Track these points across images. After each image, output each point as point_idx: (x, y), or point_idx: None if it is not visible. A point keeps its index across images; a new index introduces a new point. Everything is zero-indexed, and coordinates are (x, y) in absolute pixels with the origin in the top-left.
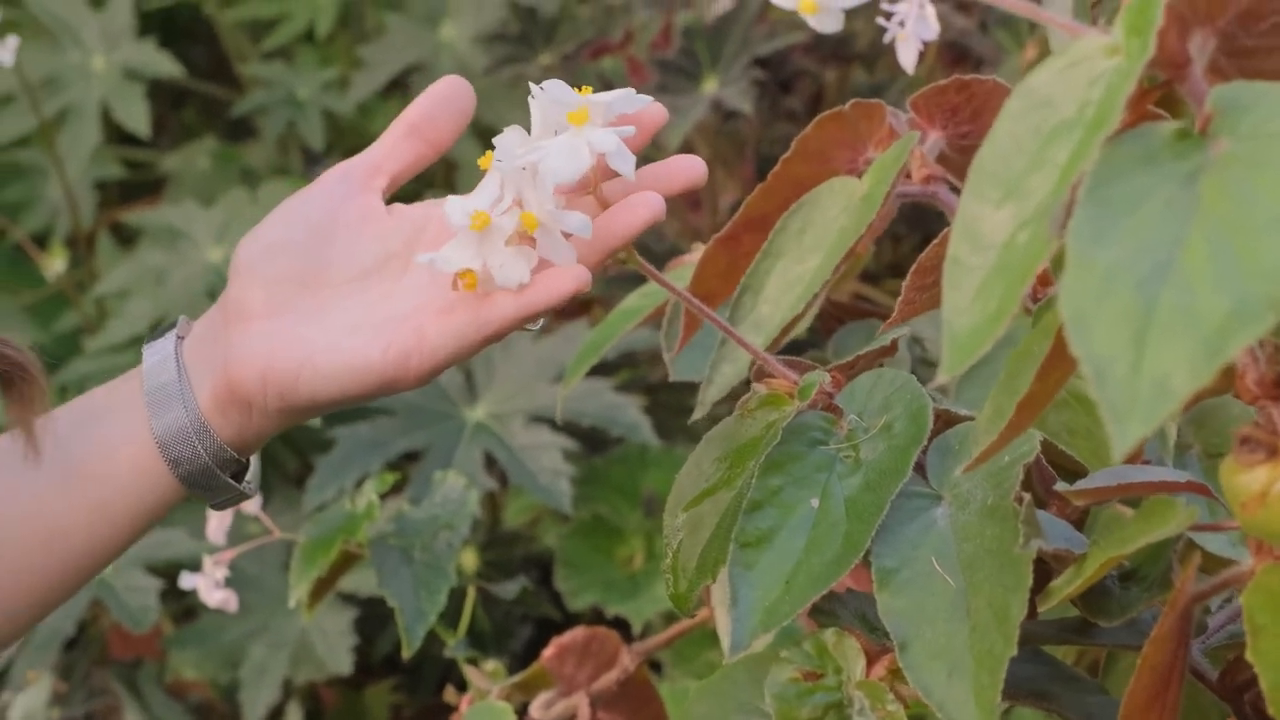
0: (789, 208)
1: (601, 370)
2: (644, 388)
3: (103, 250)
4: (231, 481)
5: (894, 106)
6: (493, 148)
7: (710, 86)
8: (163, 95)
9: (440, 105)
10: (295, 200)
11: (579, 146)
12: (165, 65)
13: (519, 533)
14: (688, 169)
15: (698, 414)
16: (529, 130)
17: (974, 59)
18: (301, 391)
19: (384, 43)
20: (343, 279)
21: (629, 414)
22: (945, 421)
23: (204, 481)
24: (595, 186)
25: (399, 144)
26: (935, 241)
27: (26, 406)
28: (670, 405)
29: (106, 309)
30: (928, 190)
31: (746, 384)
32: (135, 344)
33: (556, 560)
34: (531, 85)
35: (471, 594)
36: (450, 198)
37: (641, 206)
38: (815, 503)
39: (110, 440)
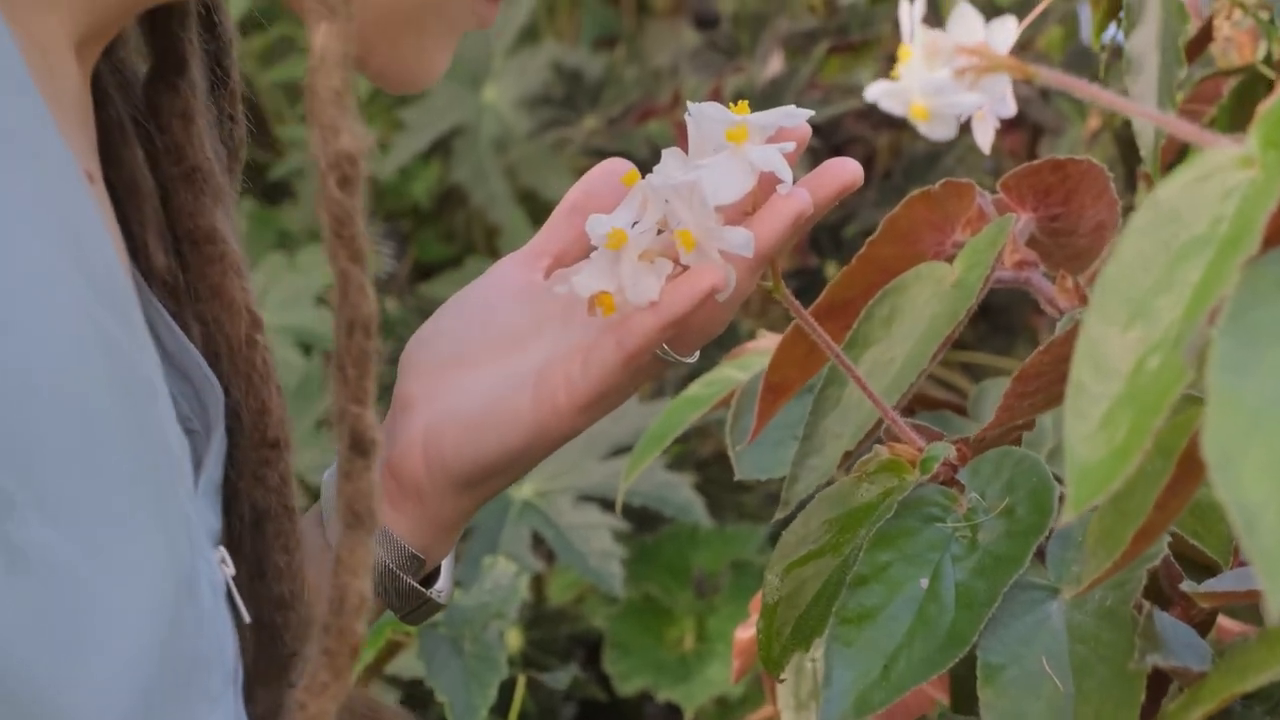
0: (874, 293)
1: None
2: (695, 463)
3: None
4: (418, 586)
5: (949, 174)
6: (546, 211)
7: None
8: None
9: (600, 183)
10: (456, 296)
11: (741, 165)
12: None
13: (565, 611)
14: (842, 172)
15: (781, 514)
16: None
17: (1033, 125)
18: (464, 456)
19: (425, 105)
20: (501, 351)
21: (681, 494)
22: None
23: (389, 586)
24: (753, 207)
25: (560, 224)
26: (1040, 349)
27: None
28: (722, 481)
29: None
30: (1020, 276)
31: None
32: None
33: (606, 642)
34: (689, 105)
35: (521, 683)
36: (593, 215)
37: (786, 203)
38: (924, 583)
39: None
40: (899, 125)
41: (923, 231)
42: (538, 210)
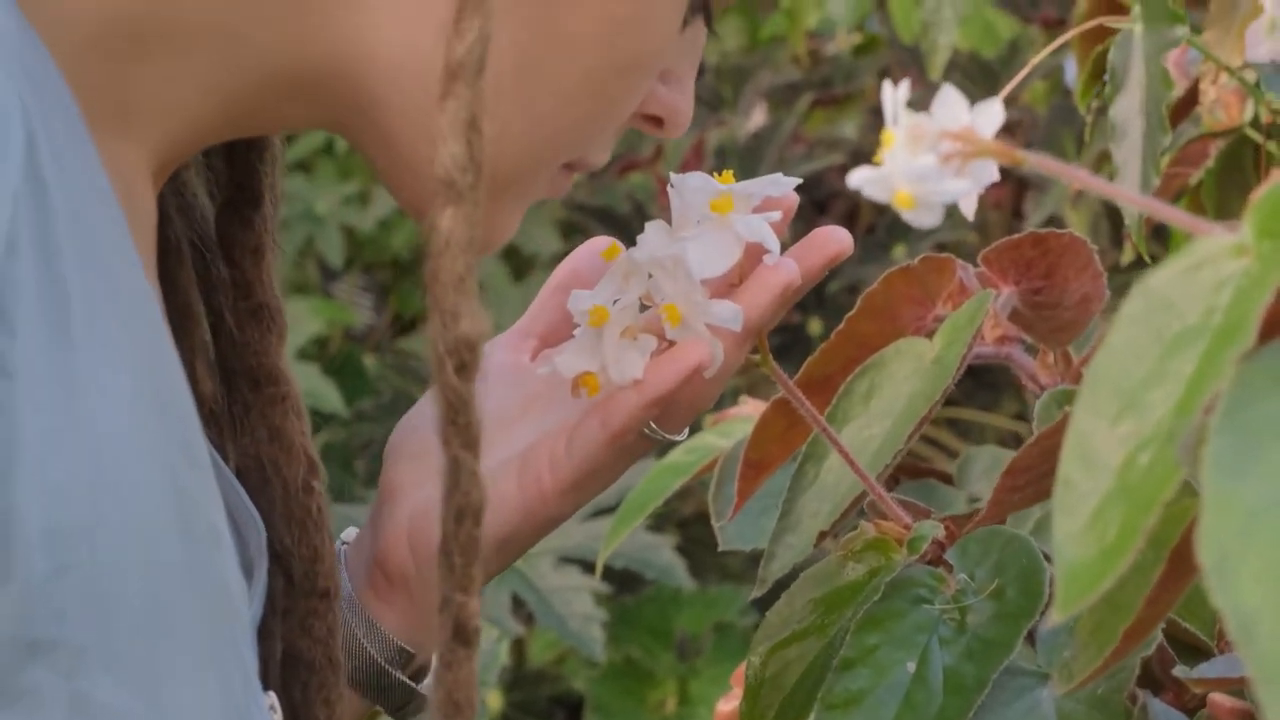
0: (853, 369)
1: None
2: (677, 522)
3: None
4: (408, 681)
5: (937, 229)
6: (529, 266)
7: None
8: None
9: (586, 262)
10: None
11: (728, 236)
12: None
13: (545, 672)
14: (831, 241)
15: (757, 592)
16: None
17: (1018, 179)
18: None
19: None
20: (486, 435)
21: (663, 556)
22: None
23: (376, 682)
24: (740, 277)
25: (546, 304)
26: (1030, 442)
27: None
28: (704, 541)
29: None
30: (1001, 351)
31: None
32: None
33: (587, 705)
34: (672, 175)
35: None
36: (574, 291)
37: (774, 274)
38: (911, 667)
39: None
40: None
41: (902, 307)
42: (519, 265)
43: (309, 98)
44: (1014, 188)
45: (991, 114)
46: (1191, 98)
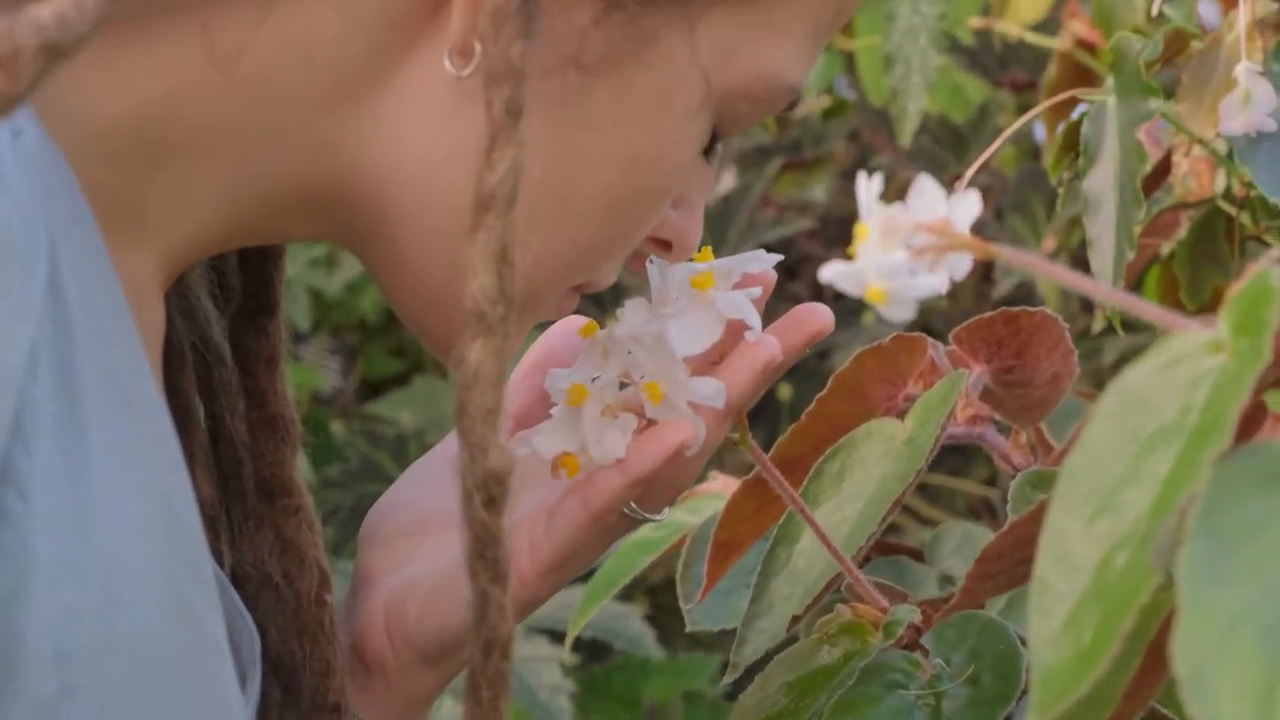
0: (825, 449)
1: None
2: (646, 589)
3: None
4: None
5: None
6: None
7: None
8: None
9: (560, 339)
10: (418, 461)
11: (709, 314)
12: None
13: None
14: (812, 319)
15: (729, 678)
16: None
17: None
18: (428, 628)
19: None
20: (457, 520)
21: (632, 625)
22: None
23: None
24: (720, 354)
25: (519, 385)
26: (1002, 531)
27: None
28: (673, 608)
29: None
30: (973, 432)
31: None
32: None
33: None
34: (652, 256)
35: None
36: (552, 369)
37: (756, 352)
38: None
39: None
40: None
41: (873, 386)
42: None
43: (322, 212)
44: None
45: (968, 206)
46: (1164, 167)
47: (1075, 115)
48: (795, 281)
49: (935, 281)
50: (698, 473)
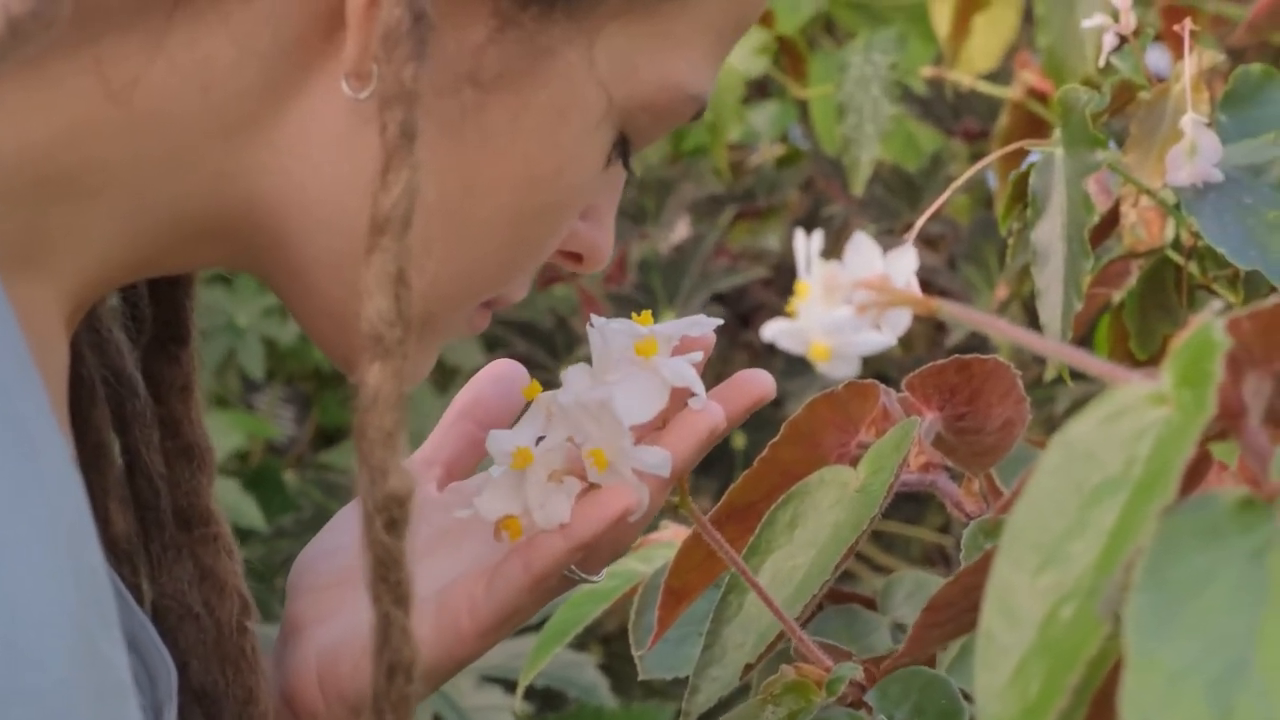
0: (777, 496)
1: None
2: (599, 638)
3: None
4: None
5: None
6: (452, 378)
7: None
8: None
9: (489, 387)
10: (345, 508)
11: (654, 381)
12: None
13: None
14: (754, 385)
15: None
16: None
17: (940, 293)
18: (360, 686)
19: None
20: None
21: (586, 674)
22: None
23: None
24: (664, 420)
25: (448, 432)
26: (950, 580)
27: None
28: (626, 656)
29: None
30: (926, 479)
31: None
32: None
33: None
34: (592, 317)
35: None
36: (493, 431)
37: (700, 420)
38: None
39: None
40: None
41: (826, 433)
42: (443, 378)
43: (227, 239)
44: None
45: (905, 262)
46: (1113, 217)
47: (1025, 165)
48: (748, 330)
49: (878, 338)
50: (637, 536)
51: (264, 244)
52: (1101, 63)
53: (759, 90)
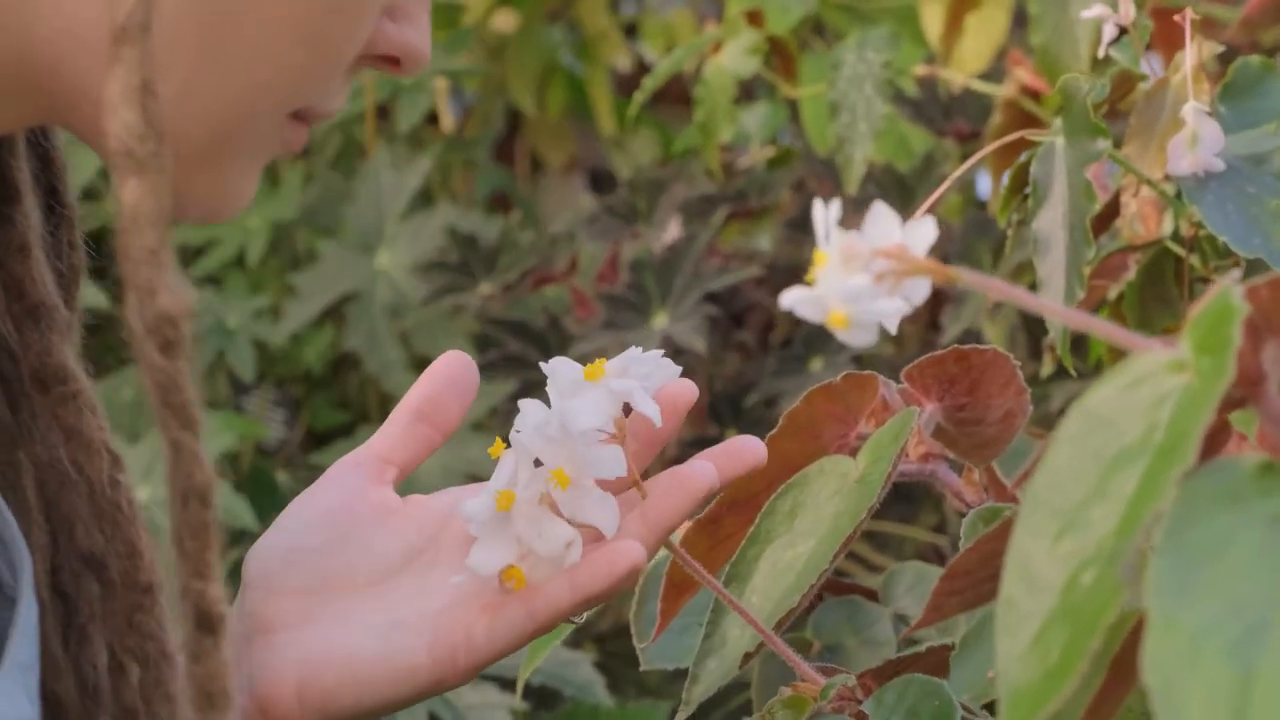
0: (776, 487)
1: None
2: (594, 637)
3: None
4: None
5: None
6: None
7: (660, 321)
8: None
9: (443, 386)
10: (303, 503)
11: (602, 394)
12: (89, 294)
13: None
14: (749, 451)
15: (682, 715)
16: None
17: (935, 291)
18: (344, 702)
19: (317, 270)
20: (365, 580)
21: (582, 672)
22: None
23: None
24: (623, 438)
25: (404, 433)
26: (968, 547)
27: None
28: (622, 655)
29: None
30: (925, 469)
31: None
32: None
33: None
34: (544, 366)
35: None
36: (465, 502)
37: (693, 480)
38: None
39: None
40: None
41: (825, 425)
42: None
43: (20, 94)
44: (930, 300)
45: (924, 232)
46: (1111, 211)
47: (1025, 157)
48: (741, 330)
49: (897, 305)
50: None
51: (54, 89)
52: (1101, 53)
53: (745, 94)
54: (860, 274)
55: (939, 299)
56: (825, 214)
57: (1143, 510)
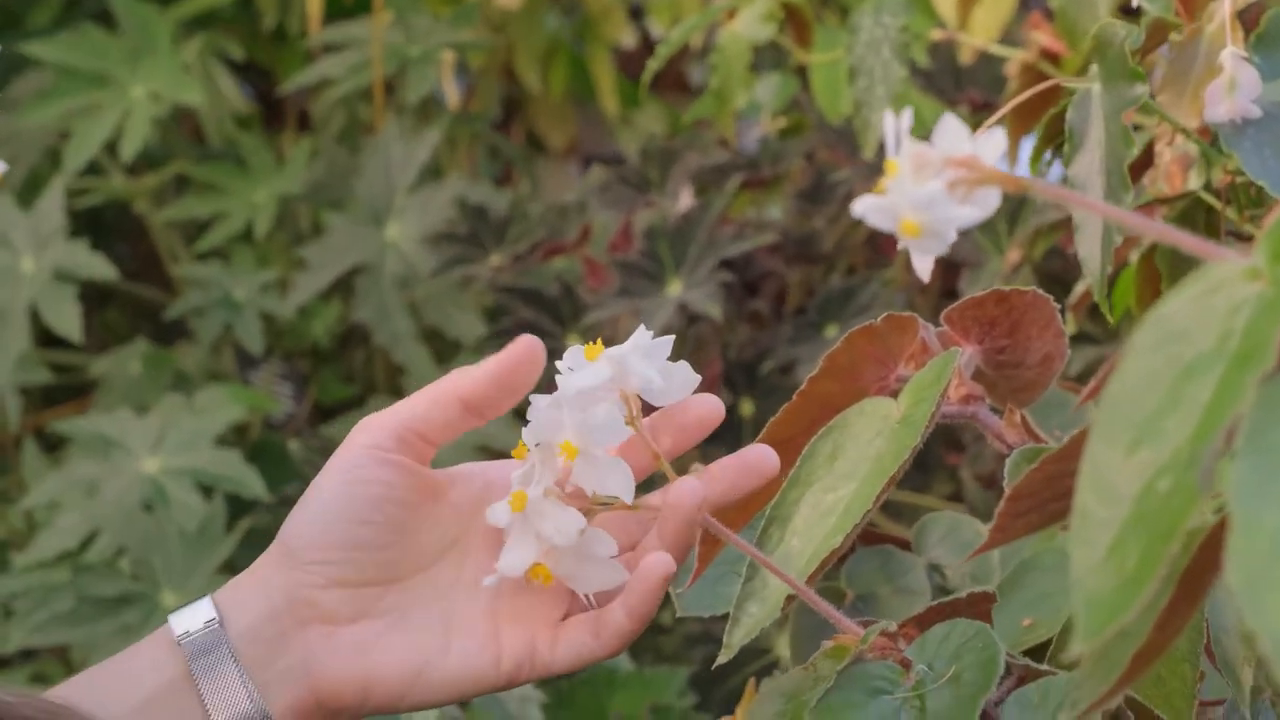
0: (816, 430)
1: None
2: None
3: (28, 459)
4: None
5: (863, 310)
6: (454, 351)
7: (675, 289)
8: (85, 297)
9: (504, 395)
10: (354, 486)
11: (598, 365)
12: (99, 267)
13: None
14: (765, 463)
15: (724, 658)
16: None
17: (951, 259)
18: (410, 703)
19: (326, 243)
20: (411, 568)
21: None
22: (1020, 678)
23: None
24: (633, 417)
25: (455, 420)
26: (1033, 466)
27: None
28: None
29: (35, 520)
30: (967, 410)
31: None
32: (65, 559)
33: None
34: (557, 365)
35: None
36: (490, 507)
37: (687, 496)
38: None
39: None
40: (812, 260)
41: (865, 367)
42: (443, 349)
43: None
44: (946, 267)
45: (994, 142)
46: (1145, 161)
47: (1056, 109)
48: (756, 297)
49: (969, 213)
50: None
51: None
52: (1135, 4)
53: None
54: (932, 182)
55: (955, 266)
56: (894, 123)
57: (1219, 416)
